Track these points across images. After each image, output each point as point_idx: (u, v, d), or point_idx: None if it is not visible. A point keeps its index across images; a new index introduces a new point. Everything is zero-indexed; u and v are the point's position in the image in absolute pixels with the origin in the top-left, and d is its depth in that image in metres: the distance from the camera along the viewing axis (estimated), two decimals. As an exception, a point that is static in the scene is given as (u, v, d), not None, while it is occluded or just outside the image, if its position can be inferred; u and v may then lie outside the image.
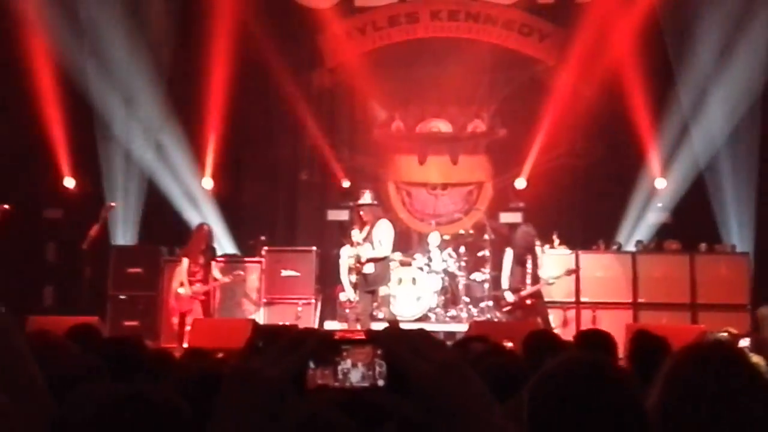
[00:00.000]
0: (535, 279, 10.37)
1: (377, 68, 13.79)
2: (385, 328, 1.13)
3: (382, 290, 9.95)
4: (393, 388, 1.10)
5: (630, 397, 1.51)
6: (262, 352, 1.11)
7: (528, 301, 10.34)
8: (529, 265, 10.37)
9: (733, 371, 1.81)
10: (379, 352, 1.11)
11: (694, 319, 11.02)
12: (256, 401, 1.08)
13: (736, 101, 12.39)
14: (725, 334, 7.70)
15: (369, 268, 9.82)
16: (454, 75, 13.50)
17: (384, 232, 9.90)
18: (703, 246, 11.77)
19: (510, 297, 10.44)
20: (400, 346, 1.08)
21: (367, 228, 9.95)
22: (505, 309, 10.64)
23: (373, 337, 1.12)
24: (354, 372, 1.12)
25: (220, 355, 4.86)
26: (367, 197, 10.21)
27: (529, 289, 10.31)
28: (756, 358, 4.24)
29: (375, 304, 10.12)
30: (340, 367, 1.12)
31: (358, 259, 9.89)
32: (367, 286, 9.89)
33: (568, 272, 10.84)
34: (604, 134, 13.11)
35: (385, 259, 9.94)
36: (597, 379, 1.51)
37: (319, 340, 1.11)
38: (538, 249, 10.72)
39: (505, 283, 10.55)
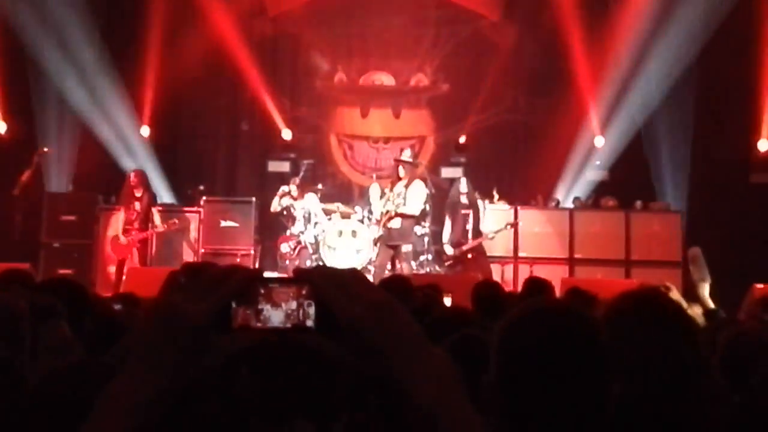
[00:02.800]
0: (477, 233, 10.45)
1: (320, 18, 13.61)
2: (315, 267, 1.10)
3: (404, 247, 9.97)
4: (322, 329, 1.07)
5: (598, 339, 1.55)
6: (184, 288, 1.06)
7: (469, 255, 10.43)
8: (470, 219, 10.43)
9: (665, 316, 1.85)
10: (304, 291, 1.07)
11: (628, 274, 11.24)
12: (175, 338, 1.03)
13: (673, 62, 12.55)
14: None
15: (395, 223, 9.87)
16: (398, 28, 13.43)
17: (419, 191, 9.94)
18: (638, 204, 11.98)
19: (450, 250, 10.51)
20: (329, 285, 1.05)
21: (402, 183, 9.96)
22: (446, 263, 10.72)
23: (301, 276, 1.08)
24: (276, 312, 1.08)
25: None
26: (407, 154, 10.31)
27: (470, 243, 10.39)
28: (692, 310, 4.35)
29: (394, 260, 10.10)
30: (261, 306, 1.08)
31: (387, 212, 9.90)
32: (390, 240, 9.90)
33: (508, 226, 10.94)
34: (546, 91, 13.18)
35: (413, 217, 9.94)
36: (567, 321, 1.55)
37: (245, 277, 1.07)
38: (479, 203, 10.79)
39: (445, 237, 10.62)
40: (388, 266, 10.11)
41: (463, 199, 10.53)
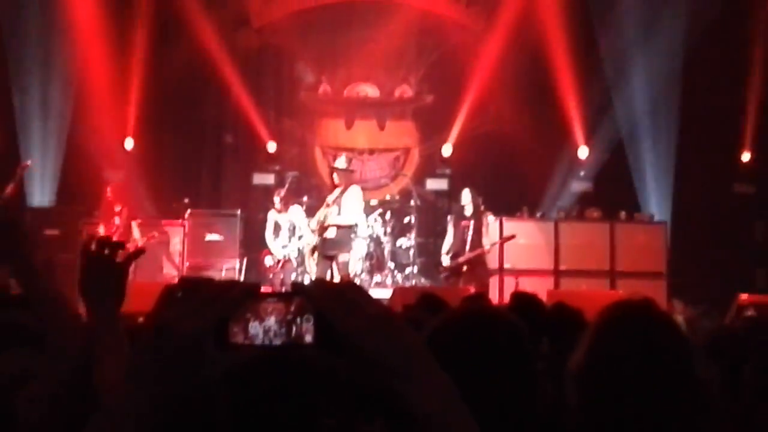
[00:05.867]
0: (475, 245, 10.36)
1: (305, 30, 13.62)
2: (313, 281, 1.08)
3: (342, 256, 9.86)
4: (321, 344, 1.05)
5: (522, 341, 1.55)
6: (180, 303, 1.04)
7: (464, 268, 10.36)
8: (470, 230, 10.36)
9: (657, 328, 1.85)
10: (301, 306, 1.05)
11: (613, 285, 11.27)
12: (170, 355, 1.01)
13: (656, 73, 12.64)
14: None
15: (331, 233, 9.74)
16: (382, 39, 13.44)
17: (354, 198, 9.81)
18: (622, 214, 12.03)
19: (446, 262, 10.47)
20: (328, 298, 1.03)
21: (337, 191, 9.85)
22: (441, 274, 10.70)
23: (298, 290, 1.06)
24: (273, 327, 1.06)
25: (141, 319, 4.73)
26: (341, 161, 10.17)
27: (466, 254, 10.32)
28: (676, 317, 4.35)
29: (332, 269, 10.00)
30: (258, 322, 1.06)
31: (321, 222, 9.78)
32: (327, 250, 9.79)
33: (505, 239, 10.92)
34: (530, 102, 13.22)
35: (350, 226, 9.86)
36: (488, 324, 1.55)
37: (242, 293, 1.05)
38: (484, 216, 10.76)
39: (445, 247, 10.58)
40: (327, 277, 9.99)
41: (467, 211, 10.45)
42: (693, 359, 1.86)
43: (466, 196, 10.58)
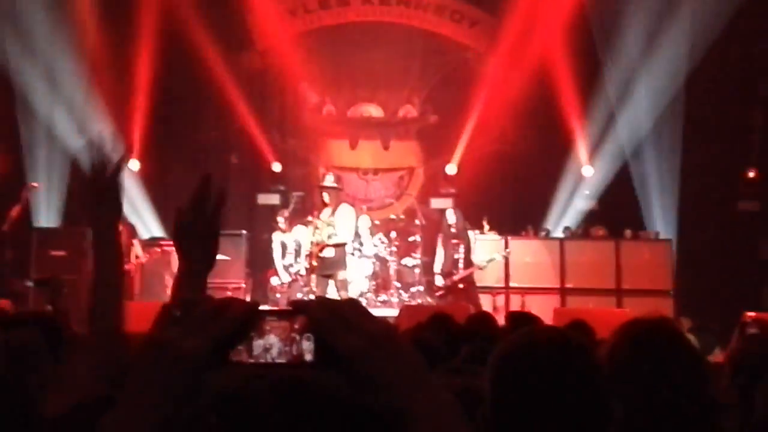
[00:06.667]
0: (467, 263, 10.43)
1: (308, 52, 13.67)
2: (313, 299, 1.08)
3: (340, 275, 9.86)
4: (321, 363, 1.04)
5: (595, 366, 1.54)
6: (178, 322, 1.03)
7: (460, 285, 10.39)
8: (461, 249, 10.41)
9: (673, 347, 1.84)
10: (296, 326, 1.05)
11: (619, 303, 11.24)
12: (169, 375, 1.00)
13: (660, 91, 12.66)
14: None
15: (328, 252, 9.73)
16: (385, 60, 13.50)
17: (346, 216, 9.80)
18: (628, 233, 12.01)
19: (440, 281, 10.48)
20: (327, 316, 1.03)
21: (328, 211, 9.85)
22: (437, 293, 10.70)
23: (298, 308, 1.06)
24: (273, 346, 1.05)
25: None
26: (329, 179, 10.13)
27: (460, 273, 10.36)
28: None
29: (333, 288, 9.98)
30: (257, 341, 1.05)
31: (317, 242, 9.76)
32: (325, 269, 9.79)
33: (499, 256, 10.93)
34: (533, 122, 13.25)
35: (345, 244, 9.85)
36: (563, 349, 1.53)
37: (241, 312, 1.04)
38: (470, 234, 10.79)
39: (437, 267, 10.59)
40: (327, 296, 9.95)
41: (453, 230, 10.53)
42: (709, 378, 1.86)
43: (451, 216, 10.64)
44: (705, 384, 1.83)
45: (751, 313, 8.94)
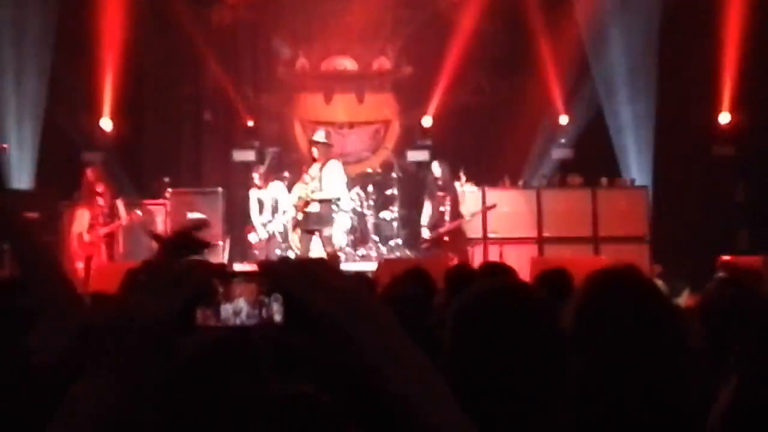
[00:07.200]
0: (454, 216, 10.43)
1: (280, 4, 13.51)
2: (279, 259, 1.06)
3: (326, 231, 9.83)
4: (290, 324, 1.03)
5: (552, 317, 1.55)
6: (143, 287, 1.02)
7: (446, 238, 10.42)
8: (447, 202, 10.41)
9: (642, 295, 1.85)
10: (264, 287, 1.03)
11: (596, 251, 11.32)
12: (136, 339, 0.99)
13: (634, 37, 12.63)
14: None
15: (314, 207, 9.69)
16: (358, 11, 13.34)
17: (334, 172, 9.76)
18: (604, 180, 12.06)
19: (426, 233, 10.52)
20: (295, 276, 1.01)
21: (317, 166, 9.79)
22: (423, 245, 10.74)
23: (265, 269, 1.04)
24: (241, 308, 1.04)
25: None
26: (320, 134, 10.07)
27: (446, 225, 10.39)
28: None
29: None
30: (223, 306, 1.03)
31: (303, 198, 9.72)
32: (309, 225, 9.76)
33: (486, 208, 10.95)
34: (509, 71, 13.21)
35: (331, 200, 9.81)
36: (520, 300, 1.55)
37: (206, 273, 1.03)
38: (456, 185, 10.80)
39: (424, 220, 10.62)
40: (310, 252, 9.97)
41: (439, 183, 10.52)
42: (680, 325, 1.88)
43: (437, 169, 10.64)
44: (675, 329, 1.84)
45: (726, 257, 9.06)
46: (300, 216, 9.85)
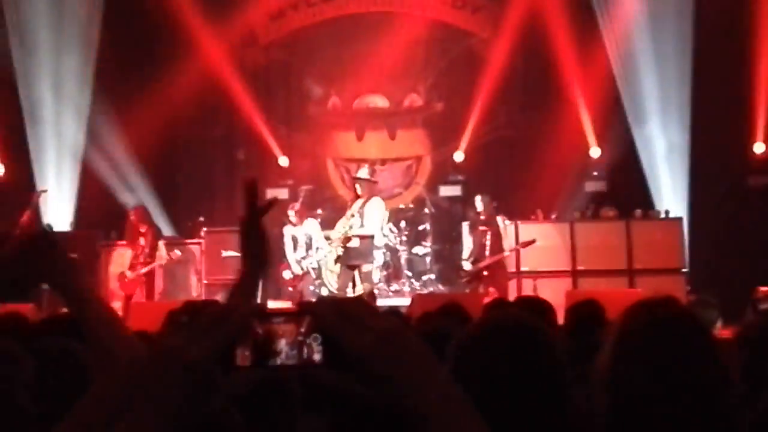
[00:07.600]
0: (495, 250, 10.41)
1: (311, 45, 13.67)
2: (318, 299, 1.08)
3: (365, 266, 9.91)
4: (330, 363, 1.05)
5: (552, 352, 1.55)
6: (185, 328, 1.05)
7: (485, 272, 10.40)
8: (488, 236, 10.41)
9: (682, 326, 1.83)
10: (302, 330, 1.05)
11: (632, 284, 11.21)
12: (176, 381, 1.01)
13: (666, 68, 12.58)
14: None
15: (354, 242, 9.78)
16: (389, 49, 13.44)
17: (376, 209, 9.87)
18: (638, 212, 11.96)
19: (467, 267, 10.52)
20: (333, 316, 1.04)
21: (359, 202, 9.89)
22: (463, 279, 10.73)
23: (304, 309, 1.07)
24: (281, 348, 1.06)
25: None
26: (364, 171, 10.22)
27: (487, 260, 10.38)
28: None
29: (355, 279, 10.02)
30: (264, 344, 1.06)
31: (345, 233, 9.82)
32: (349, 260, 9.84)
33: (525, 243, 10.90)
34: (539, 105, 13.20)
35: (372, 237, 9.89)
36: (517, 336, 1.55)
37: (247, 313, 1.05)
38: (498, 220, 10.79)
39: (465, 253, 10.63)
40: (349, 287, 10.02)
41: (482, 217, 10.55)
42: (721, 359, 1.85)
43: (479, 203, 10.65)
44: (718, 364, 1.82)
45: (764, 288, 8.94)
46: (341, 251, 9.95)
